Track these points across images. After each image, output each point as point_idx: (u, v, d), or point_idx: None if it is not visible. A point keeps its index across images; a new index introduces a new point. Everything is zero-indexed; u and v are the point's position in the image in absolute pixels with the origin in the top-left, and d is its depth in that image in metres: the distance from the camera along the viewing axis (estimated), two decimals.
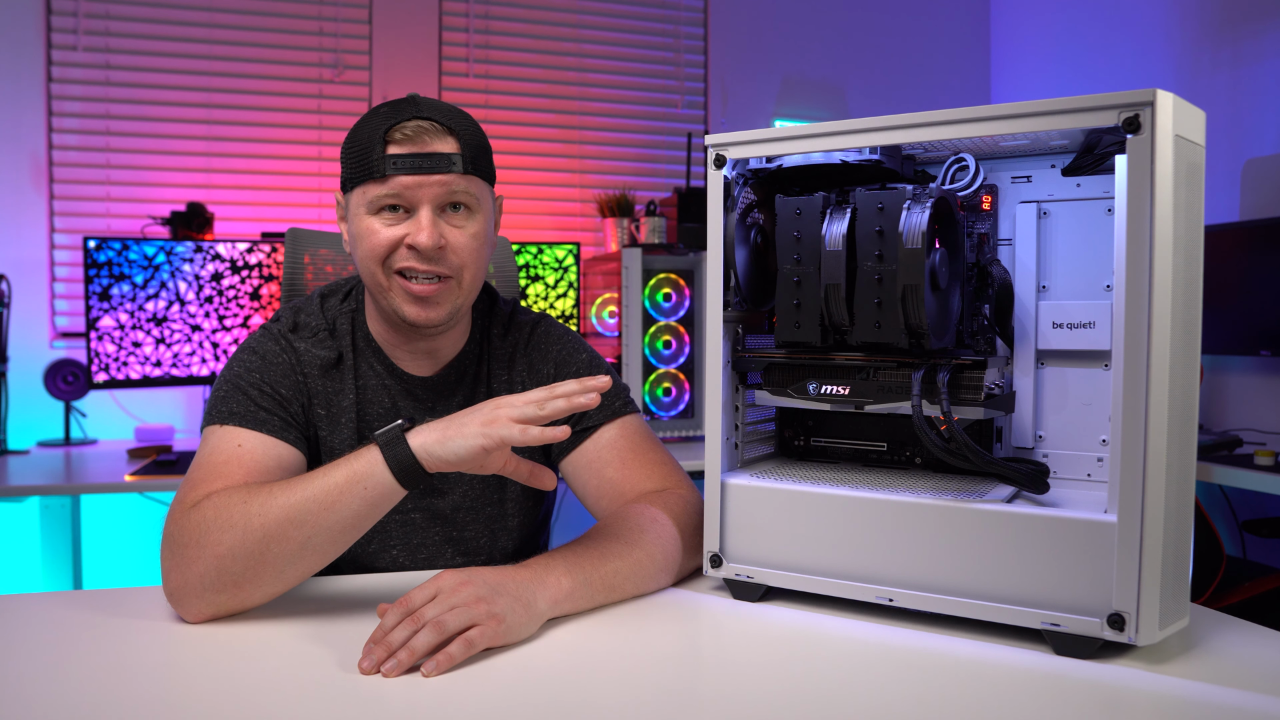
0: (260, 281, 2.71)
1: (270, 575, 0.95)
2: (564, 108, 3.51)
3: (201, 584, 0.94)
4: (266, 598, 0.97)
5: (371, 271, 1.10)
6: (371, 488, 0.94)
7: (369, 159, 1.07)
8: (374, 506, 0.96)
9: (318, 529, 0.94)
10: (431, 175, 1.07)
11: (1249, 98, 2.92)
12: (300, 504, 0.94)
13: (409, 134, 1.06)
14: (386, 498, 0.96)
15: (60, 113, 2.98)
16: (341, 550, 0.98)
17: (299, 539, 0.94)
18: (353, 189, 1.10)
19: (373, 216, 1.08)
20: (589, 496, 1.20)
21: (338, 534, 0.95)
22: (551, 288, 3.01)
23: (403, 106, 1.09)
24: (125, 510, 2.94)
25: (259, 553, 0.93)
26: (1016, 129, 0.89)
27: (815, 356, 1.04)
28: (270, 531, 0.93)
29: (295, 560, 0.95)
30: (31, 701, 0.77)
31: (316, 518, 0.94)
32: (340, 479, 0.95)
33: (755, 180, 1.09)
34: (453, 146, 1.08)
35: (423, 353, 1.19)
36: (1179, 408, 0.86)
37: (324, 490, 0.95)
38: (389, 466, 0.94)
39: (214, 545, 0.94)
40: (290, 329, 1.18)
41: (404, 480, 0.95)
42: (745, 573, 1.04)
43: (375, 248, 1.08)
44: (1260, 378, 2.86)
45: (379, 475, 0.94)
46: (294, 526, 0.94)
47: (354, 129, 1.10)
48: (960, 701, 0.79)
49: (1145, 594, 0.83)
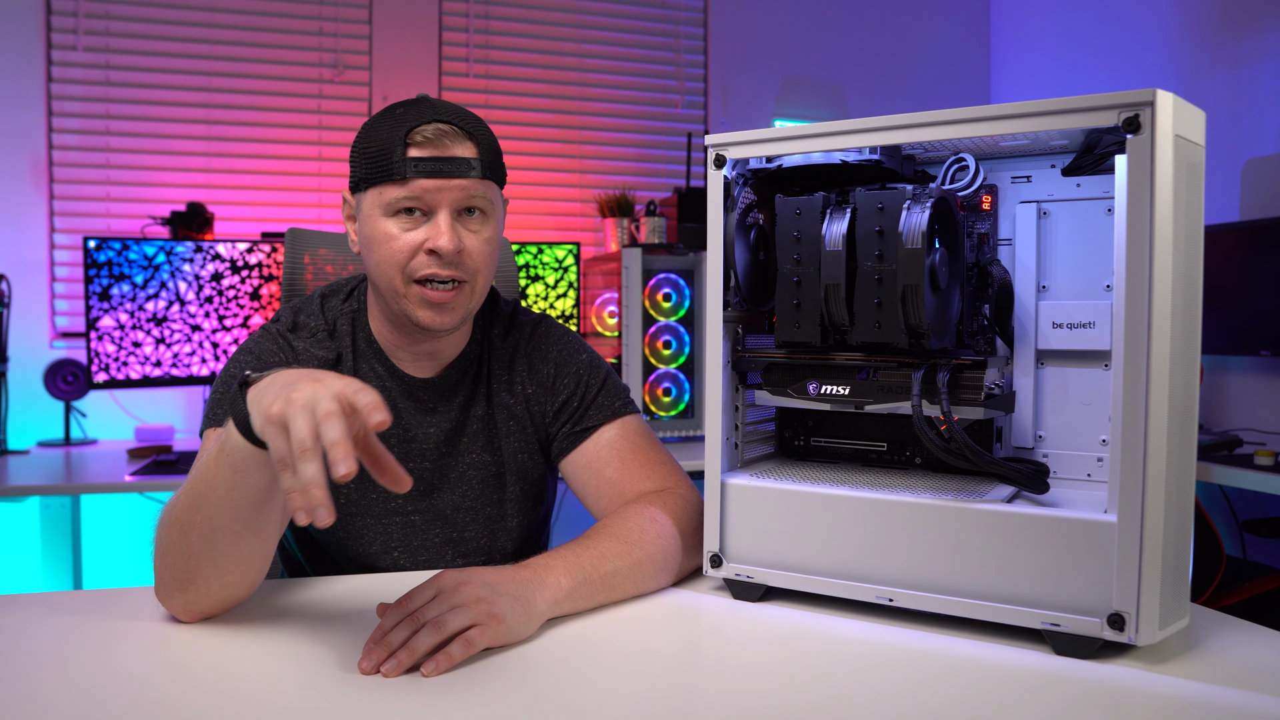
0: (260, 281, 2.71)
1: (204, 563, 0.91)
2: (564, 108, 3.51)
3: (165, 587, 0.94)
4: (229, 589, 0.94)
5: (389, 277, 1.09)
6: (232, 454, 0.86)
7: (388, 160, 1.05)
8: (246, 474, 0.87)
9: (212, 508, 0.89)
10: (452, 179, 1.06)
11: (1249, 98, 2.92)
12: (192, 487, 0.91)
13: (430, 136, 1.06)
14: (252, 461, 0.85)
15: (60, 113, 2.98)
16: (257, 525, 0.91)
17: (203, 523, 0.90)
18: (366, 190, 1.09)
19: (389, 219, 1.07)
20: (589, 497, 1.20)
21: (231, 509, 0.88)
22: (551, 288, 3.01)
23: (421, 108, 1.08)
24: (125, 510, 2.94)
25: (182, 544, 0.91)
26: (1016, 129, 0.89)
27: (815, 356, 1.04)
28: (183, 521, 0.91)
29: (214, 543, 0.90)
30: (31, 701, 0.77)
31: (206, 497, 0.90)
32: (214, 451, 0.90)
33: (755, 180, 1.09)
34: (471, 151, 1.08)
35: (425, 355, 1.19)
36: (1179, 408, 0.86)
37: (205, 467, 0.90)
38: (236, 425, 0.85)
39: (160, 548, 0.94)
40: (289, 329, 1.19)
41: (252, 438, 0.84)
42: (745, 573, 1.04)
43: (395, 254, 1.07)
44: (1260, 378, 2.86)
45: (234, 438, 0.86)
46: (195, 511, 0.90)
47: (368, 129, 1.09)
48: (960, 701, 0.79)
49: (1145, 594, 0.83)
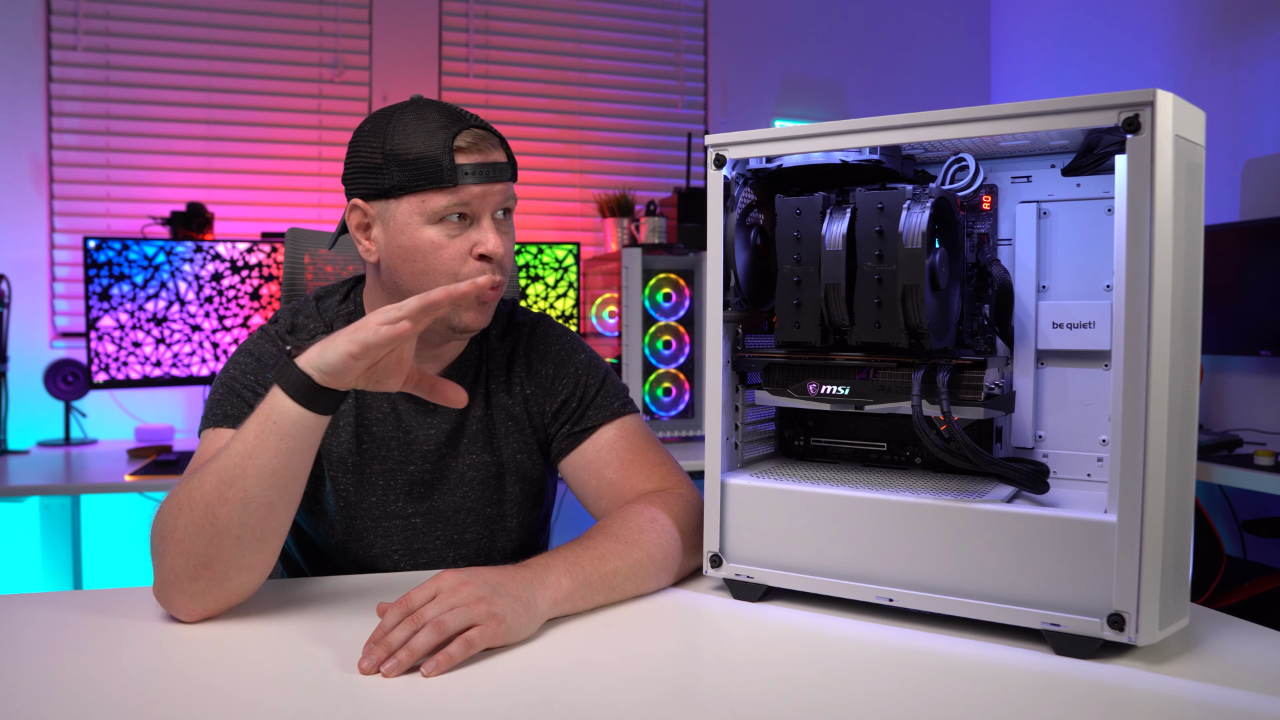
0: (260, 281, 2.71)
1: (230, 544, 0.93)
2: (564, 108, 3.51)
3: (176, 576, 0.94)
4: (244, 577, 0.95)
5: (440, 284, 1.07)
6: (280, 419, 0.93)
7: (436, 167, 1.05)
8: (291, 439, 0.93)
9: (249, 480, 0.93)
10: (497, 184, 1.08)
11: (1249, 98, 2.92)
12: (226, 462, 0.94)
13: (474, 142, 1.07)
14: (299, 426, 0.93)
15: (60, 113, 2.98)
16: (288, 499, 0.96)
17: (237, 497, 0.93)
18: (402, 197, 1.07)
19: (434, 226, 1.07)
20: (588, 497, 1.20)
21: (271, 479, 0.93)
22: (551, 288, 3.01)
23: (450, 113, 1.08)
24: (125, 510, 2.94)
25: (208, 524, 0.92)
26: (1016, 129, 0.89)
27: (815, 356, 1.04)
28: (210, 498, 0.93)
29: (244, 520, 0.93)
30: (31, 701, 0.77)
31: (243, 469, 0.93)
32: (254, 426, 0.94)
33: (755, 180, 1.09)
34: (504, 155, 1.11)
35: (431, 358, 1.19)
36: (1179, 408, 0.86)
37: (242, 441, 0.94)
38: (286, 393, 0.93)
39: (174, 532, 0.94)
40: (288, 330, 1.19)
41: (305, 401, 0.93)
42: (745, 573, 1.04)
43: (447, 261, 1.08)
44: (1260, 378, 2.86)
45: (282, 405, 0.93)
46: (228, 486, 0.93)
47: (396, 135, 1.06)
48: (960, 701, 0.79)
49: (1145, 594, 0.83)
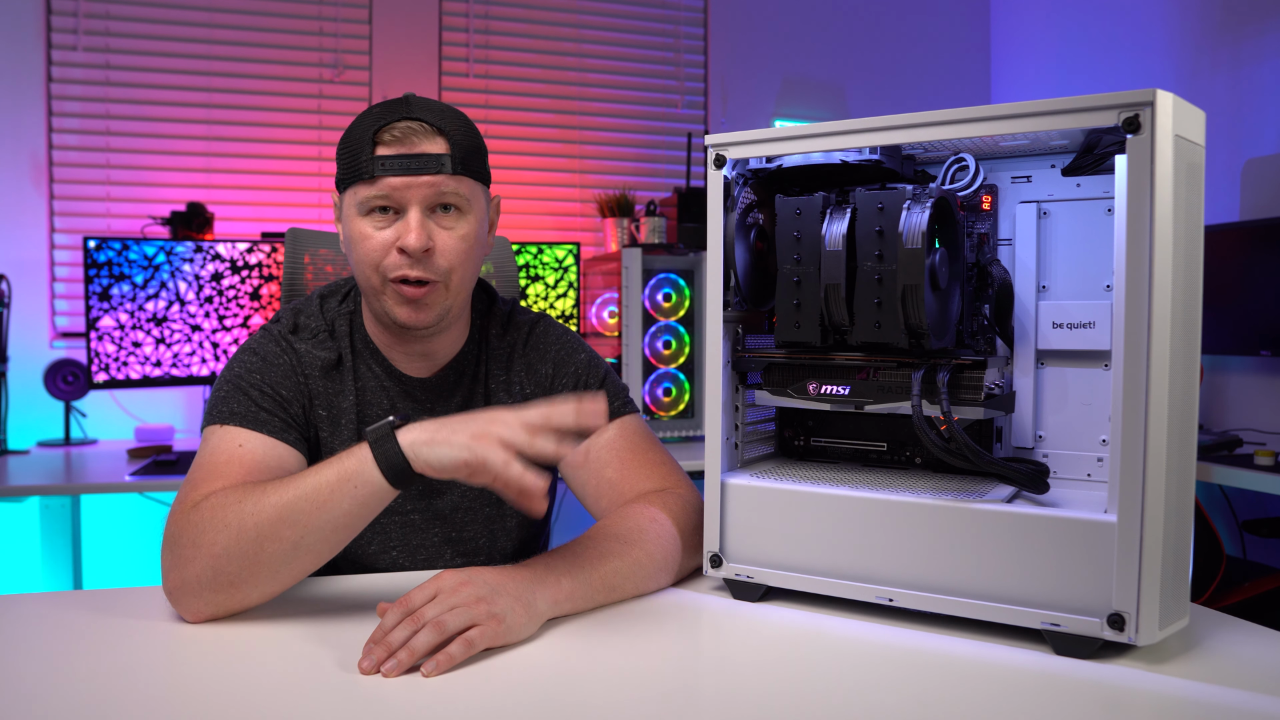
0: (260, 281, 2.71)
1: (265, 575, 0.95)
2: (564, 108, 3.51)
3: (199, 583, 0.94)
4: (264, 597, 0.97)
5: (367, 275, 1.10)
6: (361, 486, 0.93)
7: (359, 160, 1.07)
8: (365, 505, 0.94)
9: (310, 528, 0.94)
10: (420, 176, 1.07)
11: (1249, 98, 2.92)
12: (292, 503, 0.94)
13: (398, 135, 1.07)
14: (377, 497, 0.94)
15: (60, 113, 2.98)
16: (336, 550, 0.97)
17: (292, 538, 0.93)
18: (345, 189, 1.11)
19: (364, 218, 1.09)
20: (588, 497, 1.20)
21: (330, 533, 0.95)
22: (551, 288, 3.01)
23: (394, 107, 1.09)
24: (125, 510, 2.94)
25: (253, 553, 0.93)
26: (1016, 129, 0.89)
27: (815, 356, 1.04)
28: (264, 531, 0.93)
29: (289, 560, 0.95)
30: (31, 701, 0.77)
31: (309, 517, 0.93)
32: (331, 477, 0.94)
33: (755, 180, 1.09)
34: (442, 147, 1.08)
35: (419, 354, 1.19)
36: (1179, 408, 0.86)
37: (315, 489, 0.94)
38: (378, 465, 0.93)
39: (210, 545, 0.93)
40: (290, 330, 1.19)
41: (394, 479, 0.93)
42: (745, 573, 1.04)
43: (370, 253, 1.09)
44: (1260, 378, 2.86)
45: (369, 474, 0.93)
46: (286, 526, 0.93)
47: (348, 129, 1.11)
48: (960, 701, 0.79)
49: (1145, 594, 0.83)
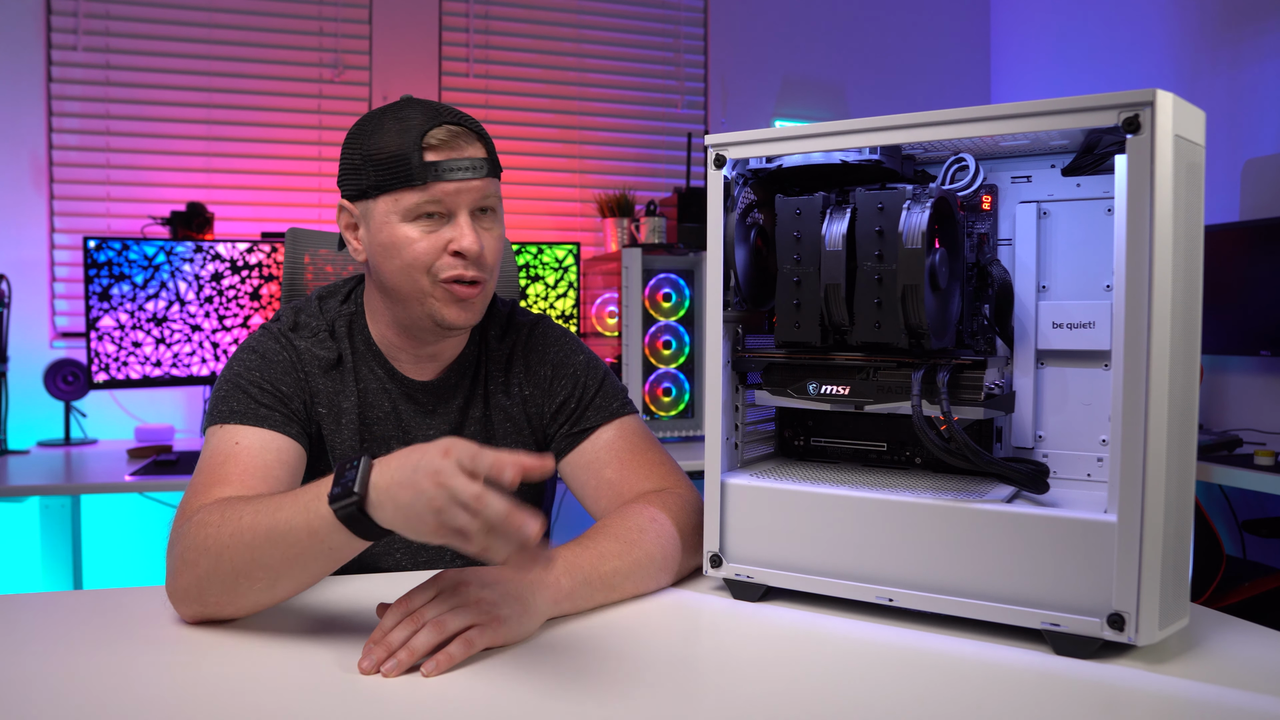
0: (260, 281, 2.71)
1: (247, 602, 0.94)
2: (564, 108, 3.50)
3: (188, 595, 0.94)
4: (256, 610, 0.96)
5: (414, 279, 1.08)
6: (330, 538, 0.86)
7: (406, 166, 1.05)
8: (341, 556, 0.89)
9: (281, 570, 0.90)
10: (470, 181, 1.07)
11: (1249, 98, 2.92)
12: (259, 543, 0.89)
13: (444, 139, 1.06)
14: (352, 550, 0.88)
15: (60, 113, 2.98)
16: (320, 577, 0.93)
17: (265, 577, 0.91)
18: (378, 197, 1.08)
19: (408, 224, 1.07)
20: (588, 497, 1.20)
21: (304, 580, 0.92)
22: (551, 288, 3.01)
23: (421, 110, 1.07)
24: (125, 510, 2.94)
25: (230, 583, 0.92)
26: (1016, 129, 0.89)
27: (815, 356, 1.04)
28: (239, 567, 0.90)
29: (266, 593, 0.93)
30: (32, 701, 0.77)
31: (279, 559, 0.89)
32: (304, 537, 0.87)
33: (755, 180, 1.09)
34: (481, 151, 1.08)
35: (427, 357, 1.19)
36: (1179, 408, 0.86)
37: (287, 535, 0.88)
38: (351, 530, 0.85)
39: (193, 566, 0.93)
40: (290, 328, 1.18)
41: (363, 533, 0.85)
42: (745, 573, 1.04)
43: (420, 256, 1.07)
44: (1260, 378, 2.86)
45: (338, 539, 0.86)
46: (259, 567, 0.90)
47: (373, 135, 1.07)
48: (960, 701, 0.79)
49: (1145, 594, 0.83)
